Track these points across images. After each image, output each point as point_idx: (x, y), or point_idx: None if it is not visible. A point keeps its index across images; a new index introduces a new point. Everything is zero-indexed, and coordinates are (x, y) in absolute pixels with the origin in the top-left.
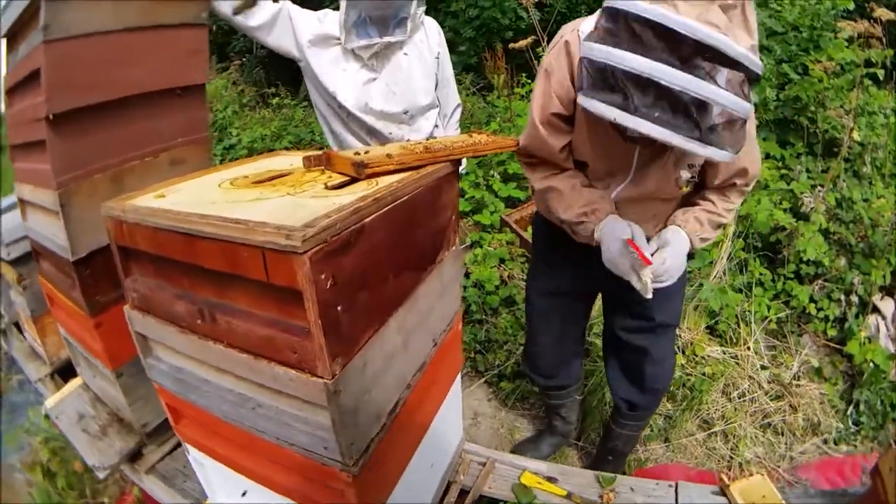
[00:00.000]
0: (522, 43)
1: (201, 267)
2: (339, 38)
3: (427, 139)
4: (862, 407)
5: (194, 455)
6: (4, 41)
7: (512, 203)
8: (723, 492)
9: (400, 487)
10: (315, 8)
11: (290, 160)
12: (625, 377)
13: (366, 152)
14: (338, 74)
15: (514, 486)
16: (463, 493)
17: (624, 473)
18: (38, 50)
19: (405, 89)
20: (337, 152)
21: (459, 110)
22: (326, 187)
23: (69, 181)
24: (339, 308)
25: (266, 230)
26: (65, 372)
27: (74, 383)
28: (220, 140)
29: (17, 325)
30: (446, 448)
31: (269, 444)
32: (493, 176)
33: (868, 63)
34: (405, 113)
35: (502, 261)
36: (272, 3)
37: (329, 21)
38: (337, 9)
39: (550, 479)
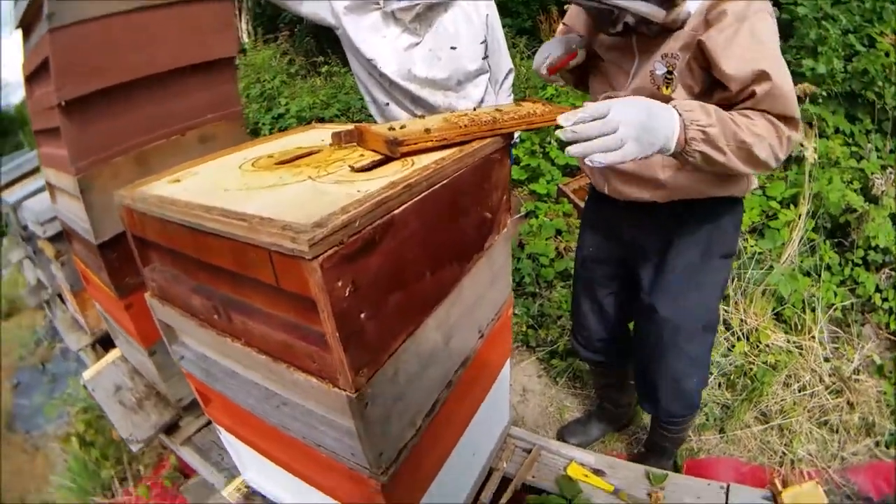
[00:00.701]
0: None
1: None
2: (377, 2)
3: (475, 108)
4: None
5: (225, 436)
6: (20, 31)
7: (570, 171)
8: (774, 498)
9: (437, 481)
10: None
11: (323, 135)
12: (642, 387)
13: (402, 127)
14: (377, 41)
15: (559, 478)
16: (505, 480)
17: (675, 463)
18: (45, 38)
19: (451, 54)
20: (369, 127)
21: (512, 76)
22: (353, 169)
23: (88, 166)
24: (362, 316)
25: (271, 230)
26: (105, 342)
27: (113, 354)
28: (269, 109)
29: (61, 297)
30: (490, 436)
31: (297, 440)
32: (549, 143)
33: None
34: (452, 79)
35: (559, 232)
36: None
37: None
38: None
39: (598, 472)
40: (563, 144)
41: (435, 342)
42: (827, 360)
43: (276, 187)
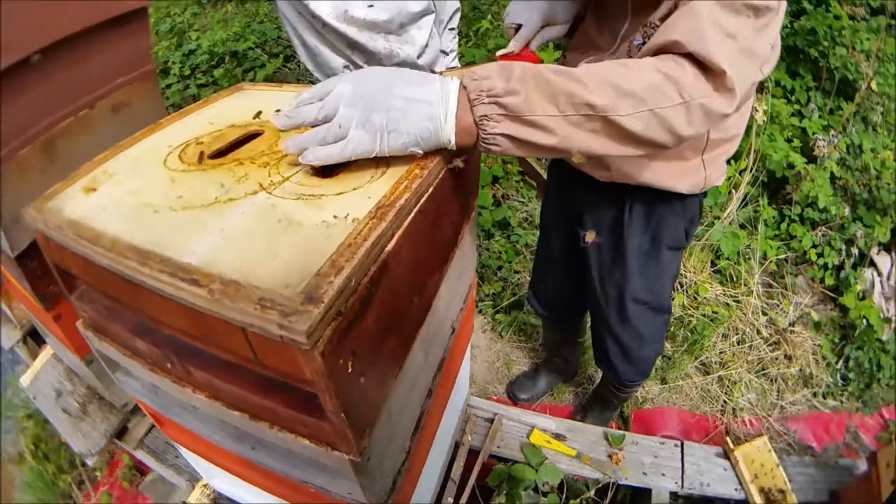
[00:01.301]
0: None
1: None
2: None
3: (420, 56)
4: (851, 363)
5: (185, 452)
6: None
7: None
8: (726, 454)
9: (420, 481)
10: None
11: (256, 101)
12: (596, 350)
13: None
14: None
15: (524, 447)
16: (471, 452)
17: (622, 412)
18: None
19: None
20: None
21: (458, 15)
22: (314, 171)
23: None
24: (362, 380)
25: (244, 307)
26: (37, 334)
27: (47, 353)
28: (179, 45)
29: None
30: (455, 414)
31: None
32: None
33: None
34: (394, 21)
35: (496, 179)
36: None
37: None
38: None
39: (559, 437)
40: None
41: (419, 363)
42: (764, 313)
43: (221, 205)
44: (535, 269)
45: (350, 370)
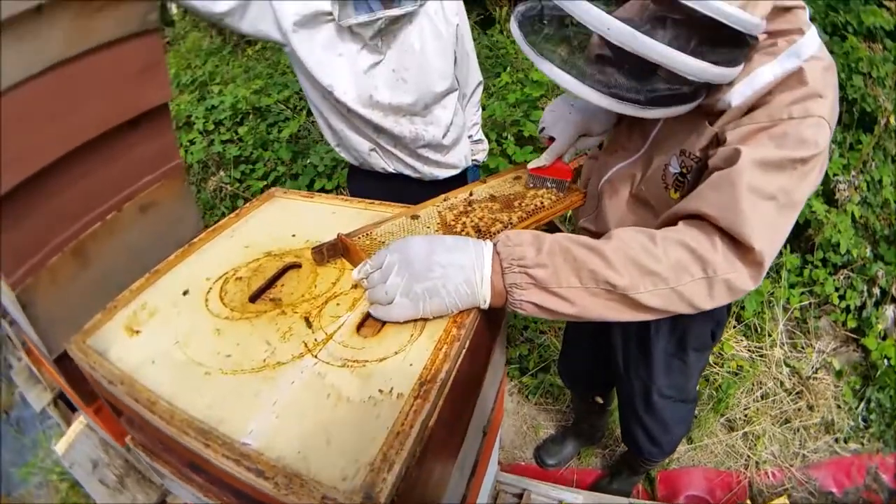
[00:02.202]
0: None
1: None
2: (331, 14)
3: (445, 135)
4: (872, 405)
5: None
6: None
7: None
8: None
9: None
10: None
11: (289, 216)
12: (623, 429)
13: (390, 233)
14: (333, 62)
15: None
16: None
17: (649, 474)
18: None
19: (418, 74)
20: (354, 242)
21: (480, 88)
22: (358, 331)
23: (25, 276)
24: None
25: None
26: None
27: (80, 422)
28: (202, 99)
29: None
30: (486, 493)
31: None
32: (506, 138)
33: None
34: (418, 104)
35: None
36: None
37: None
38: None
39: None
40: None
41: (455, 480)
42: (787, 364)
43: (270, 370)
44: (564, 344)
45: None
